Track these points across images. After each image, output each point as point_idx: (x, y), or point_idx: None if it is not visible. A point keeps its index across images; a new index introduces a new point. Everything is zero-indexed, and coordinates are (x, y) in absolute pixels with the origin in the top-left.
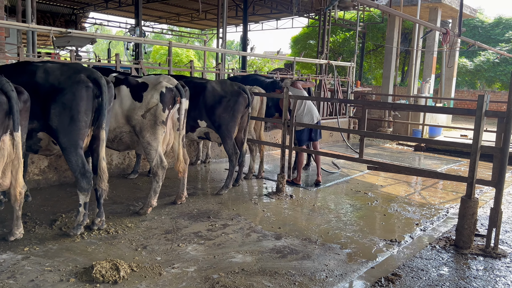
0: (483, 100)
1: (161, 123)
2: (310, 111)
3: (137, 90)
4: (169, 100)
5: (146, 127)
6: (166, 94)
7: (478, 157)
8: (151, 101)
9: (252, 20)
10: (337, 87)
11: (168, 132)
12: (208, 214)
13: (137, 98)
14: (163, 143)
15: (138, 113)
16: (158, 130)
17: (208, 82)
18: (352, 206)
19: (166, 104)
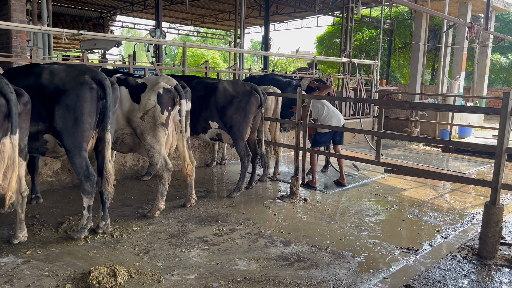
0: (509, 98)
1: (160, 125)
2: (336, 114)
3: (135, 91)
4: (167, 102)
5: (146, 129)
6: (164, 95)
7: (504, 160)
8: (149, 103)
9: (277, 19)
10: (360, 86)
11: (171, 134)
12: (217, 217)
13: (136, 100)
14: (166, 145)
15: (137, 115)
16: (159, 133)
17: (219, 82)
18: (369, 210)
19: (164, 105)
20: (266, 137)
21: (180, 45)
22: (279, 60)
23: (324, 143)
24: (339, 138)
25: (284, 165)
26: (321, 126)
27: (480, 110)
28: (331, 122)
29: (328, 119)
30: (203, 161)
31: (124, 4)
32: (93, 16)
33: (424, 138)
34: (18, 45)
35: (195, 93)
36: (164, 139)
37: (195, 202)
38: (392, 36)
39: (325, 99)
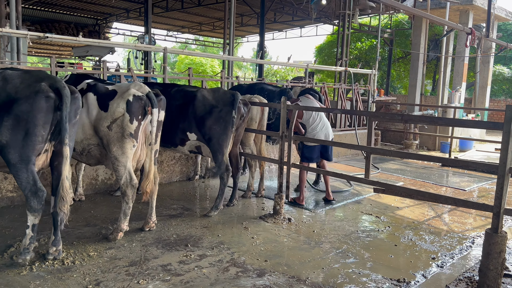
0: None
1: (128, 135)
2: (325, 126)
3: (104, 98)
4: (137, 110)
5: (112, 140)
6: (134, 103)
7: (507, 182)
8: (117, 111)
9: (276, 28)
10: (356, 96)
11: (140, 147)
12: (188, 241)
13: (103, 107)
14: (134, 158)
15: (104, 124)
16: (126, 144)
17: (198, 90)
18: (359, 233)
19: (133, 114)
20: (250, 149)
21: (160, 51)
22: (278, 70)
23: (314, 159)
24: (329, 153)
25: (273, 179)
26: (307, 139)
27: (480, 125)
28: (318, 135)
29: (316, 131)
30: (184, 174)
31: (120, 11)
32: (89, 23)
33: (416, 155)
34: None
35: (173, 102)
36: (132, 152)
37: (155, 226)
38: (392, 46)
39: (310, 109)
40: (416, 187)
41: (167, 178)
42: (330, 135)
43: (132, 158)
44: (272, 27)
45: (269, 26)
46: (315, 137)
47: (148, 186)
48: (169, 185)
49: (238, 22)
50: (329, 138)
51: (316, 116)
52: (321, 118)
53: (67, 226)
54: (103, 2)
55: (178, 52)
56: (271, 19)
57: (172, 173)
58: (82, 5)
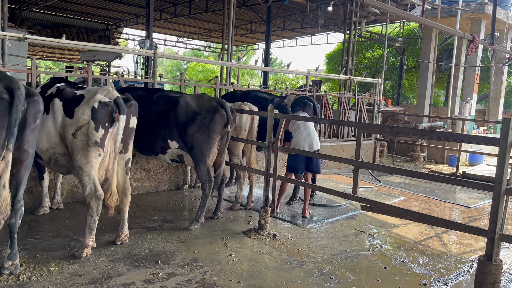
0: (509, 126)
1: (94, 144)
2: (309, 136)
3: (70, 104)
4: (103, 117)
5: (77, 148)
6: (99, 110)
7: (502, 204)
8: (82, 118)
9: (286, 35)
10: (360, 105)
11: (108, 156)
12: (159, 257)
13: (69, 114)
14: (100, 168)
15: (69, 131)
16: (91, 153)
17: (181, 96)
18: (347, 252)
19: (99, 121)
20: (239, 159)
21: (150, 55)
22: (287, 78)
23: (298, 170)
24: (314, 165)
25: None
26: (294, 150)
27: (475, 140)
28: (301, 145)
29: (300, 141)
30: (173, 183)
31: (129, 16)
32: (99, 28)
33: (405, 170)
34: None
35: (154, 108)
36: (97, 161)
37: (127, 239)
38: (403, 55)
39: (296, 119)
40: (419, 203)
41: (154, 187)
42: (314, 146)
43: (98, 167)
44: (282, 34)
45: (279, 33)
46: (298, 146)
47: (111, 199)
48: (156, 194)
49: (247, 29)
50: (314, 149)
51: (301, 125)
52: (306, 127)
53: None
54: (113, 8)
55: (168, 56)
56: (280, 26)
57: (159, 181)
58: (92, 10)
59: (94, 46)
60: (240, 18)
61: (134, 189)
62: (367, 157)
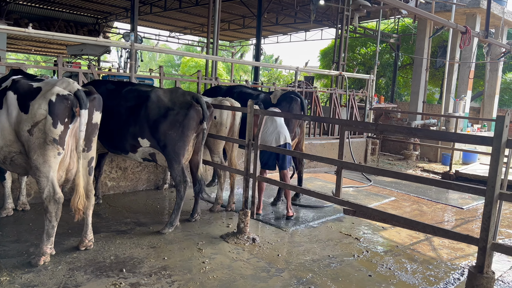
0: (503, 123)
1: (52, 142)
2: (276, 130)
3: (25, 98)
4: (62, 112)
5: (33, 146)
6: (57, 104)
7: (495, 210)
8: (38, 113)
9: (280, 31)
10: (351, 102)
11: (69, 155)
12: (125, 264)
13: (24, 109)
14: (60, 169)
15: (25, 128)
16: (49, 152)
17: (153, 90)
18: (330, 258)
19: (57, 116)
20: (220, 158)
21: (128, 47)
22: (281, 74)
23: (270, 166)
24: (280, 161)
25: None
26: (275, 149)
27: (465, 139)
28: (267, 140)
29: (266, 135)
30: (152, 183)
31: (120, 10)
32: (89, 22)
33: (391, 172)
34: None
35: (123, 103)
36: (56, 161)
37: (92, 245)
38: (398, 51)
39: (277, 115)
40: (409, 203)
41: (131, 187)
42: (281, 140)
43: (57, 168)
44: (276, 30)
45: (272, 28)
46: (264, 141)
47: (79, 202)
48: (133, 194)
49: (239, 24)
50: (280, 143)
51: (268, 119)
52: (273, 121)
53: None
54: (102, 1)
55: (146, 49)
56: (273, 21)
57: (137, 181)
58: (82, 3)
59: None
60: (232, 13)
61: (110, 189)
62: (359, 155)
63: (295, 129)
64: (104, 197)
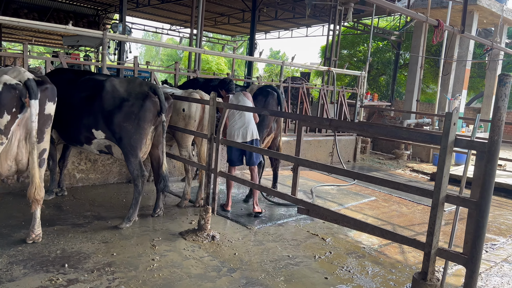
0: (451, 121)
1: None
2: (244, 126)
3: None
4: (9, 102)
5: None
6: (4, 93)
7: (440, 213)
8: None
9: (281, 26)
10: (341, 99)
11: (16, 145)
12: (69, 259)
13: None
14: (7, 158)
15: None
16: None
17: (107, 79)
18: (290, 259)
19: (4, 106)
20: (188, 152)
21: (99, 36)
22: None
23: (235, 162)
24: (247, 157)
25: None
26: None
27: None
28: (234, 134)
29: (233, 130)
30: (124, 176)
31: (118, 2)
32: (89, 14)
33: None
34: None
35: (78, 93)
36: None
37: (40, 239)
38: (399, 49)
39: (239, 109)
40: (389, 204)
41: (101, 179)
42: (248, 136)
43: (4, 158)
44: (277, 25)
45: (274, 23)
46: (231, 135)
47: (36, 193)
48: (102, 187)
49: (239, 18)
50: (247, 139)
51: (236, 113)
52: (242, 115)
53: None
54: None
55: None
56: (272, 16)
57: (108, 173)
58: None
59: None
60: (231, 6)
61: (78, 181)
62: (347, 153)
63: (271, 124)
64: (72, 189)
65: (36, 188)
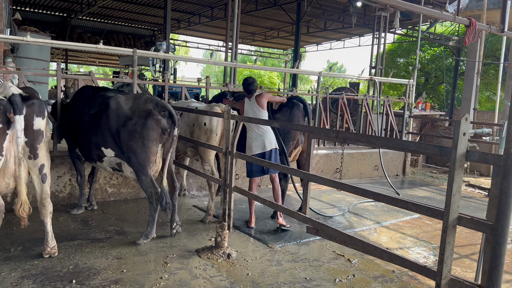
0: (459, 130)
1: None
2: (262, 135)
3: None
4: None
5: None
6: None
7: (451, 238)
8: None
9: (333, 37)
10: (387, 109)
11: (12, 161)
12: (79, 275)
13: None
14: (4, 176)
15: None
16: None
17: (114, 96)
18: (306, 282)
19: None
20: (211, 167)
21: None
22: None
23: (254, 172)
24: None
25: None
26: (250, 158)
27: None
28: (253, 143)
29: (252, 141)
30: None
31: (173, 22)
32: (146, 34)
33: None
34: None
35: (87, 110)
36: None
37: (56, 252)
38: (459, 55)
39: (256, 122)
40: (433, 223)
41: (133, 194)
42: (267, 146)
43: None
44: (329, 36)
45: (324, 34)
46: (249, 147)
47: (21, 209)
48: (133, 201)
49: (288, 31)
50: (266, 149)
51: (253, 124)
52: (259, 127)
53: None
54: (156, 13)
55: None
56: (321, 27)
57: (139, 188)
58: (138, 17)
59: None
60: (281, 20)
61: (110, 196)
62: (395, 166)
63: (297, 136)
64: (103, 204)
65: (22, 204)
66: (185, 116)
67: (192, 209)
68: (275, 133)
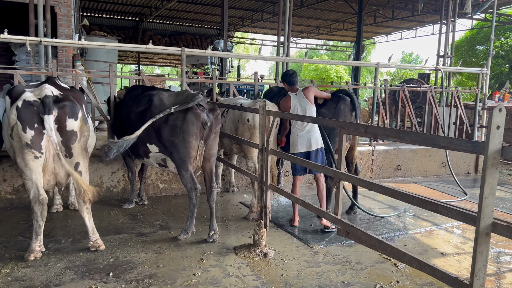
0: (491, 124)
1: (26, 146)
2: (308, 132)
3: (12, 103)
4: (29, 118)
5: (16, 150)
6: (23, 110)
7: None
8: (11, 118)
9: (404, 26)
10: (455, 100)
11: (52, 159)
12: (117, 268)
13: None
14: (45, 173)
15: (9, 132)
16: (26, 155)
17: (156, 94)
18: (343, 286)
19: (25, 122)
20: (254, 163)
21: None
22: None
23: (298, 171)
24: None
25: None
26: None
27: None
28: (299, 140)
29: (297, 138)
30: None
31: (237, 20)
32: (212, 34)
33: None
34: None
35: (135, 108)
36: (36, 164)
37: (100, 246)
38: None
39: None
40: None
41: (183, 189)
42: (313, 145)
43: (39, 170)
44: (398, 25)
45: (393, 24)
46: (294, 144)
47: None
48: (183, 197)
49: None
50: (312, 148)
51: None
52: (304, 123)
53: None
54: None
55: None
56: (389, 16)
57: None
58: (203, 17)
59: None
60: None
61: (162, 191)
62: (466, 163)
63: None
64: (155, 199)
65: (84, 191)
66: (231, 113)
67: (238, 205)
68: (320, 130)
